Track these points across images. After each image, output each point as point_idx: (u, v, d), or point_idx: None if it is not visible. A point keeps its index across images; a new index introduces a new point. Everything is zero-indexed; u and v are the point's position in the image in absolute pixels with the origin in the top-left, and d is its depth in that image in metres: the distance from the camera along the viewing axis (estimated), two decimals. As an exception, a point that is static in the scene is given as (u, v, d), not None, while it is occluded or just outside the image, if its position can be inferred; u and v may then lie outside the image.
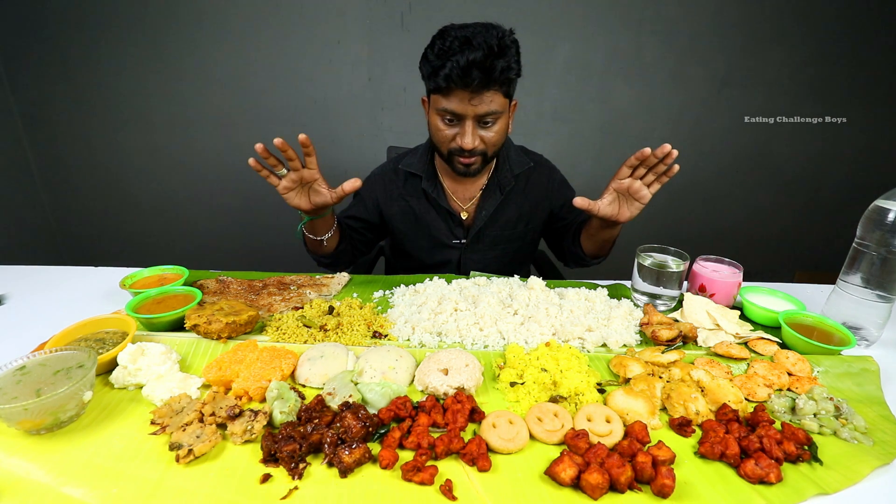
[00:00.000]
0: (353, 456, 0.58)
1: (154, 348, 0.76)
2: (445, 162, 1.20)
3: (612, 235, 1.15)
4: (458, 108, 1.05)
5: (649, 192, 0.98)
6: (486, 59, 0.98)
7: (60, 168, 2.34)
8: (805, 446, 0.63)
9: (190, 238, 2.51)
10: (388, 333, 0.92)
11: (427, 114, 1.18)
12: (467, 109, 1.05)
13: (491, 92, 1.04)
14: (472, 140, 1.08)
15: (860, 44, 2.14)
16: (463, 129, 1.08)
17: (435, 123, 1.12)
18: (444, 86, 1.02)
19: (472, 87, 1.01)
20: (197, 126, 2.25)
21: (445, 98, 1.05)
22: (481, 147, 1.11)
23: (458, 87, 1.01)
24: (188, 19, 2.04)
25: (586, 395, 0.72)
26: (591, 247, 1.21)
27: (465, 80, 0.99)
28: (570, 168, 1.46)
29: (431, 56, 1.04)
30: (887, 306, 0.89)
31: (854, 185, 2.41)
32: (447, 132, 1.11)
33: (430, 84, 1.07)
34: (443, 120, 1.10)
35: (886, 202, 0.86)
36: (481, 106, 1.04)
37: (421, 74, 1.10)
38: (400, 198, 1.31)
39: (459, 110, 1.05)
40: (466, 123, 1.07)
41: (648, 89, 2.20)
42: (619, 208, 1.03)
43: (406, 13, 2.04)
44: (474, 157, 1.13)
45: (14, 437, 0.63)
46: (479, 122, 1.08)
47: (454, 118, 1.08)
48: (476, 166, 1.16)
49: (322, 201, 1.01)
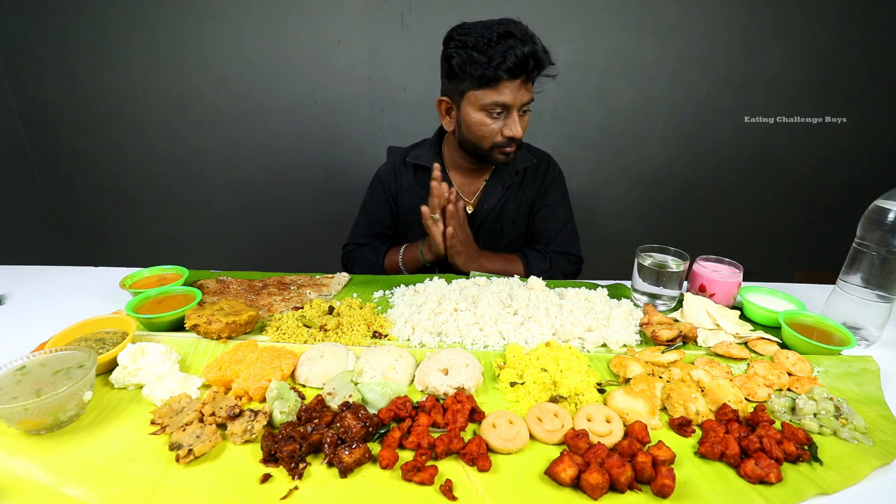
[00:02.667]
0: (353, 456, 0.58)
1: (154, 348, 0.76)
2: (478, 157, 1.22)
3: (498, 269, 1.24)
4: (510, 98, 1.08)
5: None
6: (539, 51, 1.06)
7: (60, 168, 2.34)
8: (805, 446, 0.63)
9: (190, 238, 2.51)
10: (388, 333, 0.92)
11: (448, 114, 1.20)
12: (517, 100, 1.09)
13: (531, 81, 1.11)
14: (520, 129, 1.13)
15: (860, 44, 2.14)
16: (511, 118, 1.12)
17: (479, 119, 1.13)
18: (496, 78, 1.05)
19: (524, 78, 1.07)
20: (197, 126, 2.25)
21: (495, 91, 1.08)
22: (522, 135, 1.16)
23: (512, 77, 1.06)
24: (188, 19, 2.04)
25: (586, 395, 0.72)
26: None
27: (521, 70, 1.05)
28: (571, 168, 1.46)
29: (467, 52, 1.06)
30: (887, 306, 0.89)
31: (854, 185, 2.40)
32: (493, 126, 1.13)
33: (475, 80, 1.08)
34: (490, 114, 1.12)
35: (886, 202, 0.86)
36: (526, 95, 1.11)
37: (457, 74, 1.10)
38: (410, 189, 1.33)
39: (511, 101, 1.09)
40: (514, 113, 1.11)
41: (648, 89, 2.20)
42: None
43: (406, 13, 2.04)
44: (514, 146, 1.17)
45: (14, 437, 0.63)
46: (519, 111, 1.13)
47: (503, 110, 1.11)
48: (514, 154, 1.20)
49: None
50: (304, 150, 2.29)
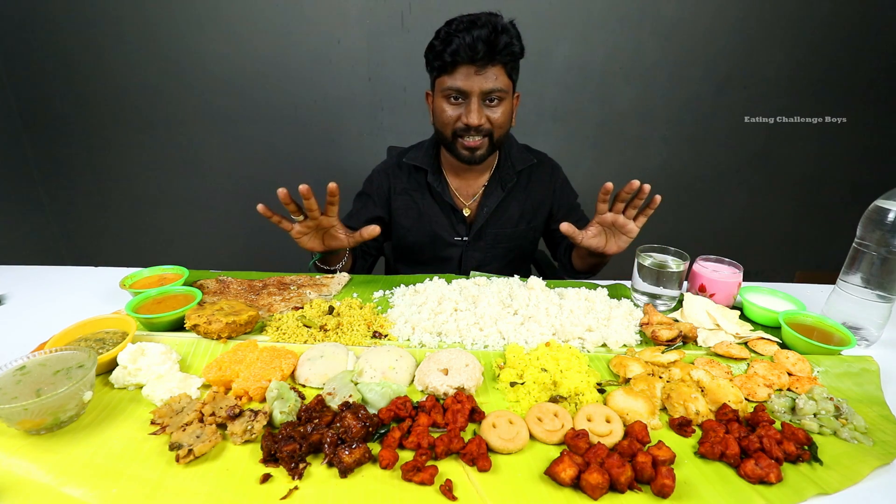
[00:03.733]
0: (353, 456, 0.58)
1: (154, 348, 0.76)
2: (449, 150, 1.20)
3: (600, 262, 1.18)
4: (464, 83, 1.07)
5: (636, 226, 0.99)
6: (491, 34, 1.03)
7: (60, 168, 2.34)
8: (805, 446, 0.63)
9: (190, 238, 2.51)
10: (388, 333, 0.92)
11: (431, 105, 1.20)
12: (473, 85, 1.07)
13: (496, 68, 1.07)
14: (477, 117, 1.10)
15: (860, 44, 2.14)
16: (469, 106, 1.10)
17: (440, 106, 1.13)
18: (451, 61, 1.05)
19: (477, 62, 1.05)
20: (196, 126, 2.25)
21: (451, 76, 1.08)
22: (487, 126, 1.13)
23: (464, 61, 1.05)
24: (188, 19, 2.04)
25: (586, 395, 0.72)
26: (580, 265, 1.23)
27: (471, 54, 1.03)
28: (571, 168, 1.46)
29: (437, 40, 1.07)
30: (887, 306, 0.89)
31: (854, 185, 2.41)
32: (452, 113, 1.12)
33: (436, 64, 1.09)
34: (448, 100, 1.11)
35: (886, 202, 0.86)
36: (486, 82, 1.07)
37: (426, 64, 1.12)
38: (404, 192, 1.31)
39: (465, 86, 1.07)
40: (472, 100, 1.09)
41: (648, 89, 2.20)
42: (605, 241, 1.04)
43: (406, 13, 2.04)
44: (480, 139, 1.14)
45: (14, 437, 0.63)
46: (484, 101, 1.10)
47: (460, 96, 1.10)
48: (482, 151, 1.16)
49: (337, 245, 1.04)
50: (304, 150, 2.30)
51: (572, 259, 1.25)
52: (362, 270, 1.36)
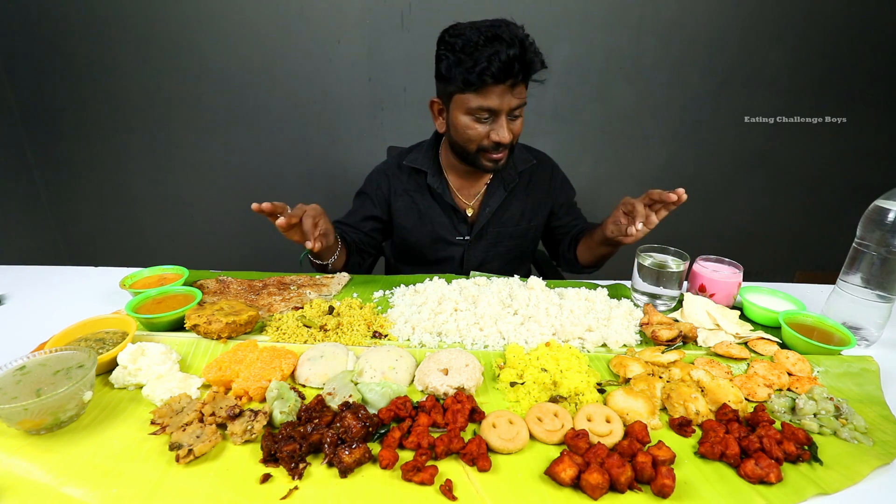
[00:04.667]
0: (353, 456, 0.58)
1: (154, 348, 0.76)
2: (467, 161, 1.19)
3: (610, 252, 1.18)
4: (495, 103, 1.05)
5: (657, 217, 0.99)
6: (523, 53, 1.00)
7: (60, 168, 2.34)
8: (805, 446, 0.63)
9: (190, 238, 2.51)
10: (388, 333, 0.92)
11: (443, 116, 1.17)
12: (503, 104, 1.06)
13: (522, 85, 1.06)
14: (508, 134, 1.09)
15: (860, 44, 2.14)
16: (498, 123, 1.09)
17: (465, 123, 1.10)
18: (480, 82, 1.02)
19: (510, 82, 1.03)
20: (196, 126, 2.25)
21: (481, 95, 1.05)
22: (511, 140, 1.13)
23: (497, 82, 1.02)
24: (188, 19, 2.04)
25: (586, 395, 0.72)
26: (586, 258, 1.23)
27: (506, 75, 1.01)
28: (571, 168, 1.46)
29: (455, 55, 1.03)
30: (887, 306, 0.89)
31: (854, 185, 2.41)
32: (480, 130, 1.10)
33: (459, 83, 1.05)
34: (476, 118, 1.09)
35: (886, 202, 0.86)
36: (515, 99, 1.06)
37: (444, 76, 1.08)
38: (404, 193, 1.31)
39: (497, 106, 1.06)
40: (502, 118, 1.08)
41: (648, 89, 2.20)
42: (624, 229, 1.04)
43: (406, 13, 2.04)
44: (503, 151, 1.14)
45: (14, 437, 0.63)
46: (508, 116, 1.10)
47: (490, 115, 1.08)
48: (503, 161, 1.16)
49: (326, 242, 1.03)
50: (304, 149, 2.29)
51: (578, 253, 1.25)
52: (361, 270, 1.35)
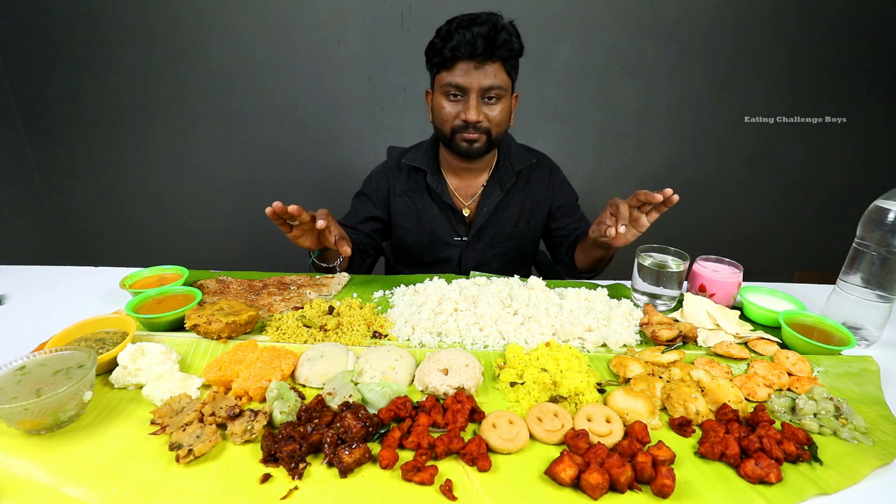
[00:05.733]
0: (353, 456, 0.58)
1: (154, 348, 0.76)
2: (448, 147, 1.20)
3: (604, 255, 1.17)
4: (463, 80, 1.08)
5: (647, 220, 0.98)
6: (490, 31, 1.04)
7: (60, 168, 2.34)
8: (805, 446, 0.63)
9: (190, 238, 2.51)
10: (388, 333, 0.92)
11: (430, 103, 1.20)
12: (472, 81, 1.08)
13: (495, 65, 1.08)
14: (476, 113, 1.11)
15: (860, 44, 2.14)
16: (468, 102, 1.11)
17: (439, 103, 1.14)
18: (450, 56, 1.06)
19: (476, 57, 1.06)
20: (197, 126, 2.25)
21: (450, 72, 1.09)
22: (485, 124, 1.13)
23: (464, 57, 1.06)
24: (188, 19, 2.04)
25: (586, 395, 0.72)
26: (583, 262, 1.23)
27: (471, 50, 1.04)
28: (571, 168, 1.46)
29: (437, 37, 1.09)
30: (887, 306, 0.89)
31: (854, 185, 2.41)
32: (451, 109, 1.13)
33: (436, 60, 1.11)
34: (447, 97, 1.12)
35: (886, 202, 0.86)
36: (485, 78, 1.08)
37: (426, 61, 1.14)
38: (403, 193, 1.32)
39: (464, 82, 1.08)
40: (471, 97, 1.10)
41: (648, 89, 2.20)
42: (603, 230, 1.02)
43: (406, 13, 2.04)
44: (478, 134, 1.14)
45: (14, 437, 0.63)
46: (483, 98, 1.11)
47: (459, 92, 1.11)
48: (479, 145, 1.17)
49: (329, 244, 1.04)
50: (304, 149, 2.30)
51: (575, 257, 1.25)
52: (361, 270, 1.36)
